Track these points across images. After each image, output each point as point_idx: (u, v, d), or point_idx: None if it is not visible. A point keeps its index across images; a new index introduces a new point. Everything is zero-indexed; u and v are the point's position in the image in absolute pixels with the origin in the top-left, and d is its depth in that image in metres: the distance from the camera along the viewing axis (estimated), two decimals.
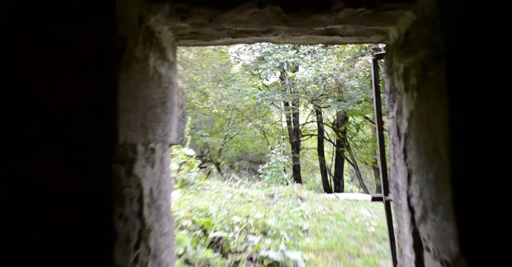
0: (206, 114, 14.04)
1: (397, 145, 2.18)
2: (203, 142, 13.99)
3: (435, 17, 1.59)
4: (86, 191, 1.39)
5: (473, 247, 1.45)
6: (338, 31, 2.10)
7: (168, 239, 2.09)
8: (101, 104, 1.43)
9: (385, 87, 2.38)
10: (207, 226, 4.49)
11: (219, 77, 13.94)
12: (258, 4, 1.86)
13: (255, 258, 4.31)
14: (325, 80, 11.65)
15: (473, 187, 1.47)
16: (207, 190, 6.35)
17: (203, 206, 4.96)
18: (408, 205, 2.03)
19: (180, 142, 2.52)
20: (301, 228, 5.69)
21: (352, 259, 4.99)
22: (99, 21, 1.43)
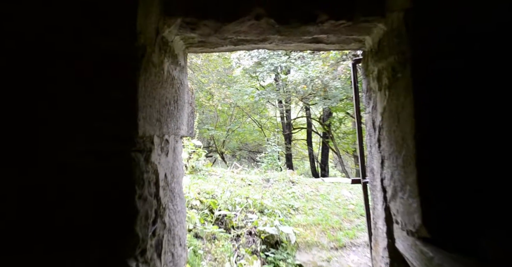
0: (212, 111, 13.99)
1: (372, 135, 2.19)
2: (209, 134, 13.95)
3: (402, 29, 1.61)
4: (113, 176, 1.40)
5: (432, 219, 1.48)
6: (323, 40, 2.10)
7: (181, 216, 2.10)
8: (124, 102, 1.43)
9: (363, 87, 2.38)
10: (213, 205, 4.49)
11: (223, 79, 13.87)
12: (256, 17, 1.86)
13: (253, 232, 4.32)
14: (312, 81, 11.58)
15: (433, 170, 1.50)
16: (213, 176, 6.33)
17: (210, 189, 4.95)
18: (381, 186, 2.05)
19: (190, 135, 2.53)
20: (293, 207, 5.69)
21: (335, 232, 5.01)
22: (123, 33, 1.43)
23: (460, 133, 1.47)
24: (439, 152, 1.49)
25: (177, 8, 1.78)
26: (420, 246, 1.50)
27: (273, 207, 5.17)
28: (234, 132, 15.17)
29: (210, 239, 3.78)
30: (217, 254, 3.51)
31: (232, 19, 1.85)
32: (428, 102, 1.50)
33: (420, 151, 1.50)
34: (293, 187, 6.80)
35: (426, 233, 1.48)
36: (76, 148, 1.38)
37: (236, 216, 4.50)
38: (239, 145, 16.41)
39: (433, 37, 1.50)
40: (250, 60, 13.27)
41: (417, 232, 1.55)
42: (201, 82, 12.91)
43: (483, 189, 1.44)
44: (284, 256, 4.09)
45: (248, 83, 14.69)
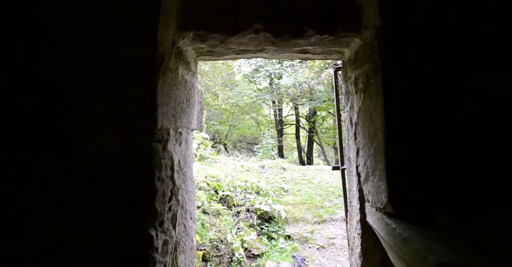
0: (217, 109, 13.94)
1: (350, 130, 2.18)
2: (215, 129, 13.95)
3: (373, 43, 1.61)
4: (137, 161, 1.42)
5: (396, 198, 1.49)
6: (310, 51, 2.09)
7: (191, 195, 2.12)
8: (146, 100, 1.44)
9: (342, 90, 2.37)
10: (218, 187, 4.50)
11: (226, 82, 13.80)
12: (255, 31, 1.85)
13: (251, 210, 4.34)
14: (300, 85, 11.58)
15: (398, 158, 1.50)
16: (218, 163, 6.31)
17: (215, 174, 4.95)
18: (356, 172, 2.05)
19: (199, 128, 2.54)
20: (283, 189, 5.70)
21: (317, 209, 5.04)
22: (146, 44, 1.44)
23: (419, 127, 1.48)
24: (402, 143, 1.49)
25: (190, 23, 1.78)
26: (386, 220, 1.51)
27: (267, 189, 5.19)
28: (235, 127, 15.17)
29: (215, 214, 3.80)
30: (221, 227, 3.53)
31: (235, 33, 1.85)
32: (395, 103, 1.50)
33: (388, 142, 1.51)
34: (284, 172, 6.81)
35: (391, 209, 1.49)
36: (111, 138, 1.40)
37: (237, 196, 4.52)
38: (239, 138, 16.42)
39: (399, 49, 1.50)
40: (249, 67, 13.24)
41: (384, 208, 1.56)
42: (208, 85, 12.84)
43: (439, 173, 1.45)
44: (276, 228, 4.13)
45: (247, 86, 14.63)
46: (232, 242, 3.31)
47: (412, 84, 1.48)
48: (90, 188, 1.37)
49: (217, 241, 3.28)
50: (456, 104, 1.47)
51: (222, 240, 3.32)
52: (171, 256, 1.65)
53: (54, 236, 1.34)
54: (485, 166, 1.41)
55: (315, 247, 3.88)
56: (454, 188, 1.43)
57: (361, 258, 1.97)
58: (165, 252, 1.54)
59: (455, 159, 1.44)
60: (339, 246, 3.86)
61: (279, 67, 12.05)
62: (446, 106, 1.47)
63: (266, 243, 3.73)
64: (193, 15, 1.79)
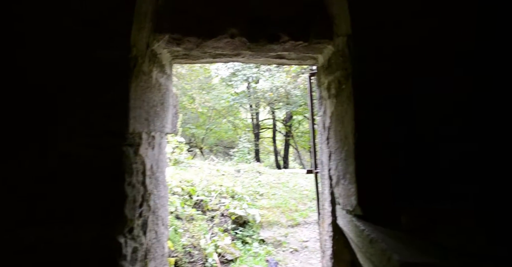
0: (193, 112, 13.76)
1: (323, 134, 2.20)
2: (191, 132, 13.77)
3: (345, 50, 1.65)
4: (107, 166, 1.38)
5: (365, 200, 1.53)
6: (285, 56, 2.12)
7: (164, 200, 2.08)
8: (118, 103, 1.42)
9: (316, 95, 2.39)
10: (192, 192, 4.42)
11: (203, 86, 13.69)
12: (231, 35, 1.87)
13: (225, 214, 4.31)
14: (277, 90, 11.73)
15: (367, 162, 1.53)
16: (193, 167, 6.21)
17: (190, 178, 4.86)
18: (329, 175, 2.07)
19: (173, 132, 2.50)
20: (259, 193, 5.70)
21: (292, 213, 5.08)
22: (119, 47, 1.42)
23: (387, 131, 1.52)
24: (371, 147, 1.53)
25: (165, 26, 1.77)
26: (355, 222, 1.54)
27: (243, 193, 5.16)
28: (211, 130, 15.05)
29: (189, 219, 3.73)
30: (195, 232, 3.48)
31: (211, 37, 1.85)
32: (365, 108, 1.54)
33: (358, 147, 1.53)
34: (259, 176, 6.80)
35: (360, 211, 1.52)
36: (80, 141, 1.37)
37: (211, 201, 4.47)
38: (216, 142, 16.28)
39: (368, 56, 1.54)
40: (227, 70, 13.25)
41: (353, 211, 1.58)
42: (185, 88, 12.69)
43: (404, 175, 1.50)
44: (250, 233, 4.12)
45: (225, 90, 14.59)
46: (206, 248, 3.28)
47: (381, 91, 1.54)
48: (56, 191, 1.32)
49: (190, 247, 3.23)
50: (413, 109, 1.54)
51: (195, 245, 3.28)
52: (141, 264, 1.61)
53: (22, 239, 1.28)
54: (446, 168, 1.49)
55: (289, 251, 3.92)
56: (417, 189, 1.49)
57: (332, 260, 2.02)
58: (134, 259, 1.50)
59: (419, 162, 1.51)
60: (312, 248, 3.93)
61: (256, 71, 12.14)
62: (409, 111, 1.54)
63: (240, 248, 3.72)
64: (168, 18, 1.78)
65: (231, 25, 1.85)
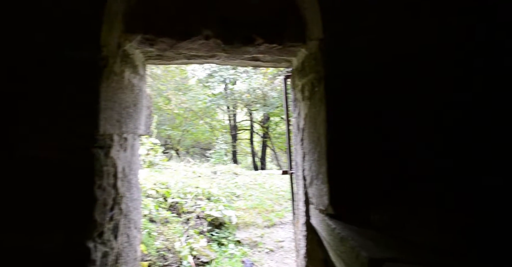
0: (169, 114, 13.52)
1: (297, 136, 2.22)
2: (166, 134, 13.51)
3: (317, 54, 1.68)
4: (76, 169, 1.35)
5: (336, 199, 1.56)
6: (260, 58, 2.13)
7: (137, 203, 2.03)
8: (87, 104, 1.38)
9: (291, 97, 2.41)
10: (167, 194, 4.34)
11: (180, 87, 13.48)
12: (205, 37, 1.87)
13: (201, 216, 4.25)
14: (254, 91, 11.78)
15: (338, 162, 1.57)
16: (168, 169, 6.10)
17: (165, 180, 4.77)
18: (303, 176, 2.09)
19: (147, 133, 2.46)
20: (235, 194, 5.66)
21: (268, 213, 5.10)
22: (89, 46, 1.38)
23: (357, 133, 1.57)
24: (342, 148, 1.57)
25: (137, 26, 1.74)
26: (327, 221, 1.57)
27: (219, 194, 5.12)
28: (188, 132, 14.83)
29: (163, 222, 3.66)
30: (169, 235, 3.41)
31: (185, 38, 1.85)
32: (336, 110, 1.57)
33: (330, 148, 1.57)
34: (236, 178, 6.77)
35: (332, 211, 1.56)
36: (47, 143, 1.32)
37: (187, 203, 4.39)
38: (193, 143, 16.06)
39: (340, 60, 1.58)
40: (203, 72, 13.13)
41: (326, 210, 1.62)
42: (160, 89, 12.44)
43: (373, 175, 1.55)
44: (226, 234, 4.10)
45: (202, 91, 14.45)
46: (181, 251, 3.23)
47: (351, 94, 1.58)
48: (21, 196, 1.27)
49: (165, 250, 3.17)
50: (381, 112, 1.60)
51: (169, 248, 3.22)
52: None
53: None
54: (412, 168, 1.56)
55: (265, 251, 3.94)
56: (386, 189, 1.55)
57: (305, 259, 2.06)
58: (104, 264, 1.46)
59: (387, 163, 1.57)
60: (288, 248, 3.98)
61: (233, 73, 12.13)
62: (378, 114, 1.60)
63: (216, 250, 3.70)
64: (141, 18, 1.75)
65: (205, 27, 1.85)
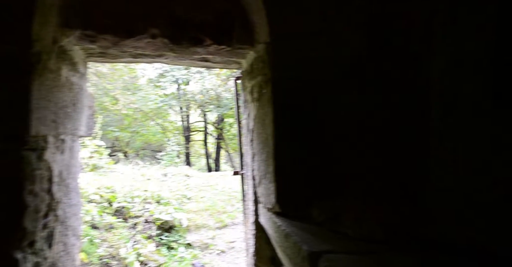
0: (117, 114, 12.77)
1: (248, 137, 2.24)
2: (114, 136, 12.74)
3: (264, 57, 1.72)
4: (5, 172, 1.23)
5: (282, 197, 1.62)
6: (210, 59, 2.12)
7: (75, 209, 1.90)
8: (17, 104, 1.27)
9: (242, 98, 2.44)
10: (113, 199, 4.11)
11: (128, 86, 12.81)
12: (152, 36, 1.82)
13: (150, 220, 4.10)
14: (208, 92, 11.69)
15: (284, 162, 1.62)
16: (115, 172, 5.76)
17: (110, 184, 4.50)
18: (252, 176, 2.12)
19: (89, 135, 2.31)
20: (186, 196, 5.54)
21: (220, 215, 5.06)
22: (19, 40, 1.28)
23: (301, 133, 1.64)
24: (288, 148, 1.62)
25: (76, 21, 1.64)
26: (273, 218, 1.62)
27: (169, 197, 4.97)
28: (138, 133, 14.15)
29: (107, 228, 3.45)
30: (114, 241, 3.22)
31: (130, 36, 1.78)
32: (282, 112, 1.63)
33: (276, 148, 1.62)
34: (188, 180, 6.62)
35: (278, 209, 1.62)
36: None
37: (134, 207, 4.21)
38: (143, 145, 15.36)
39: (286, 64, 1.63)
40: (154, 71, 12.66)
41: (273, 208, 1.67)
42: (107, 88, 11.69)
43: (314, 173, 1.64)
44: (177, 237, 4.00)
45: (153, 91, 13.91)
46: (127, 257, 3.07)
47: (297, 96, 1.65)
48: None
49: (109, 257, 3.00)
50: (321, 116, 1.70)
51: (114, 255, 3.05)
52: None
53: None
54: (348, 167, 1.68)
55: (216, 253, 3.93)
56: (326, 186, 1.65)
57: (254, 257, 2.10)
58: None
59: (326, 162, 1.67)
60: (239, 248, 4.01)
61: (186, 73, 11.88)
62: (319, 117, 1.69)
63: (165, 254, 3.59)
64: (80, 13, 1.65)
65: (152, 26, 1.81)
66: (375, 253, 1.16)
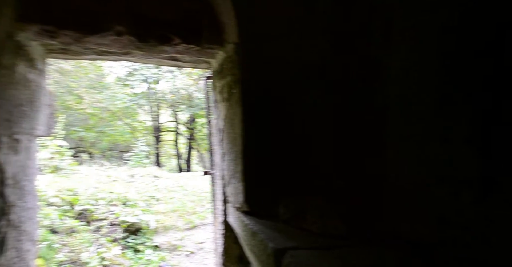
0: (82, 113, 12.15)
1: (217, 136, 2.24)
2: (78, 136, 12.11)
3: (233, 57, 1.73)
4: None
5: (250, 196, 1.64)
6: (179, 58, 2.09)
7: (31, 213, 1.78)
8: None
9: (212, 98, 2.42)
10: (75, 201, 3.91)
11: (95, 84, 12.22)
12: (117, 33, 1.77)
13: (115, 223, 3.94)
14: (179, 91, 11.47)
15: (253, 161, 1.64)
16: (78, 174, 5.48)
17: (72, 186, 4.28)
18: (222, 175, 2.12)
19: (48, 135, 2.19)
20: (155, 198, 5.40)
21: (190, 216, 4.99)
22: None
23: (269, 133, 1.66)
24: (256, 148, 1.64)
25: (34, 16, 1.55)
26: (241, 218, 1.64)
27: (137, 199, 4.81)
28: (105, 133, 13.55)
29: (68, 233, 3.27)
30: (75, 246, 3.06)
31: (94, 33, 1.72)
32: (251, 111, 1.64)
33: (245, 147, 1.63)
34: (156, 181, 6.47)
35: (246, 208, 1.63)
36: None
37: (99, 210, 4.03)
38: (110, 146, 14.74)
39: (254, 64, 1.65)
40: (123, 69, 12.21)
41: (241, 207, 1.68)
42: (71, 87, 11.09)
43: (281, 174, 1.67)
44: (144, 240, 3.88)
45: (121, 90, 13.39)
46: (88, 262, 2.93)
47: (265, 96, 1.67)
48: None
49: (69, 262, 2.84)
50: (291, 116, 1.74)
51: (75, 261, 2.89)
52: None
53: None
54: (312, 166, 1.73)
55: (185, 254, 3.86)
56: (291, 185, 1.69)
57: (222, 257, 2.10)
58: None
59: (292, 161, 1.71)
60: (208, 249, 3.97)
61: (156, 72, 11.56)
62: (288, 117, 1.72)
63: (131, 257, 3.46)
64: (38, 7, 1.57)
65: (118, 23, 1.75)
66: (336, 248, 1.21)
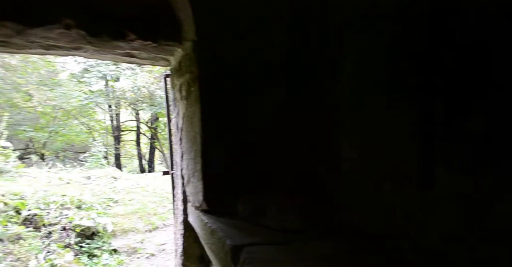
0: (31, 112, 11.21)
1: (177, 135, 2.20)
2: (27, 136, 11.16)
3: (191, 55, 1.69)
4: None
5: (210, 195, 1.62)
6: (136, 55, 2.01)
7: None
8: None
9: (171, 97, 2.38)
10: (21, 206, 3.60)
11: (45, 81, 11.32)
12: (65, 26, 1.65)
13: (68, 227, 3.69)
14: (139, 90, 11.05)
15: (211, 160, 1.62)
16: (25, 177, 5.02)
17: (19, 190, 3.94)
18: (181, 175, 2.09)
19: None
20: (112, 200, 5.15)
21: (150, 217, 4.86)
22: None
23: (226, 133, 1.65)
24: (214, 146, 1.63)
25: None
26: (201, 216, 1.62)
27: (92, 201, 4.57)
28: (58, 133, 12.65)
29: (13, 240, 3.00)
30: (21, 254, 2.81)
31: (39, 25, 1.59)
32: (210, 110, 1.62)
33: (204, 146, 1.61)
34: (115, 182, 6.19)
35: (206, 206, 1.61)
36: None
37: (49, 214, 3.75)
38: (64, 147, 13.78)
39: (212, 62, 1.62)
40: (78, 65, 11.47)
41: (201, 206, 1.66)
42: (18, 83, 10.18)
43: (240, 172, 1.66)
44: (100, 244, 3.68)
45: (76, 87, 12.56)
46: None
47: (223, 95, 1.65)
48: None
49: None
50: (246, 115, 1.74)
51: None
52: None
53: None
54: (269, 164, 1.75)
55: (145, 256, 3.73)
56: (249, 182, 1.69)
57: (182, 257, 2.06)
58: None
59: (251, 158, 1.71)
60: (170, 250, 3.87)
61: (115, 69, 11.01)
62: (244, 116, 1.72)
63: (86, 263, 3.27)
64: None
65: (66, 15, 1.64)
66: (293, 242, 1.24)
